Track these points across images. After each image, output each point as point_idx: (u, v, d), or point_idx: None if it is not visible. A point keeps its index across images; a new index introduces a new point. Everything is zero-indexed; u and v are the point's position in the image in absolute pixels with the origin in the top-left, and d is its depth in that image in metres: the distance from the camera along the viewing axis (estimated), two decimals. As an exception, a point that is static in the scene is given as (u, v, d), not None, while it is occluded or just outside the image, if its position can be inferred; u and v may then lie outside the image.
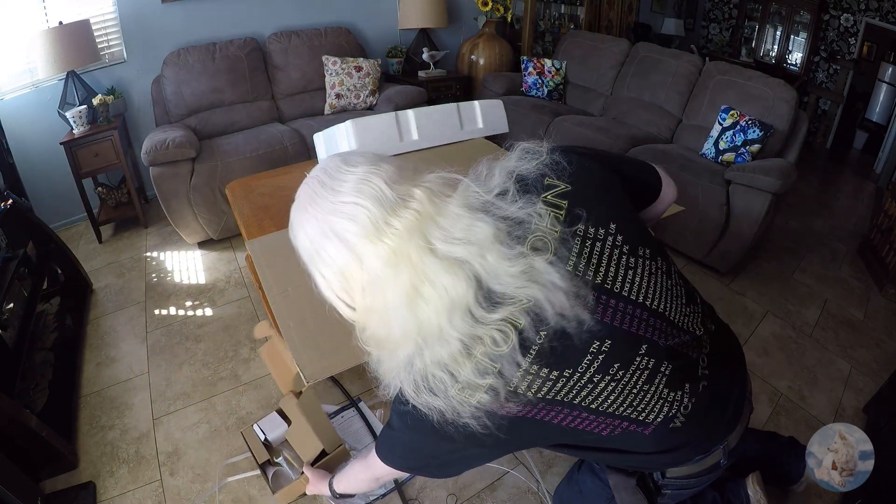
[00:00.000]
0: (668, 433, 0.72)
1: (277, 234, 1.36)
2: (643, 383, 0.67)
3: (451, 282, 0.57)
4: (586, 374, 0.64)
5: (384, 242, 0.57)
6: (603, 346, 0.63)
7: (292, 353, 0.94)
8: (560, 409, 0.65)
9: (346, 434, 1.56)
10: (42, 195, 2.74)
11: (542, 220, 0.62)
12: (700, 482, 0.87)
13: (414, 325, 0.58)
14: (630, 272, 0.67)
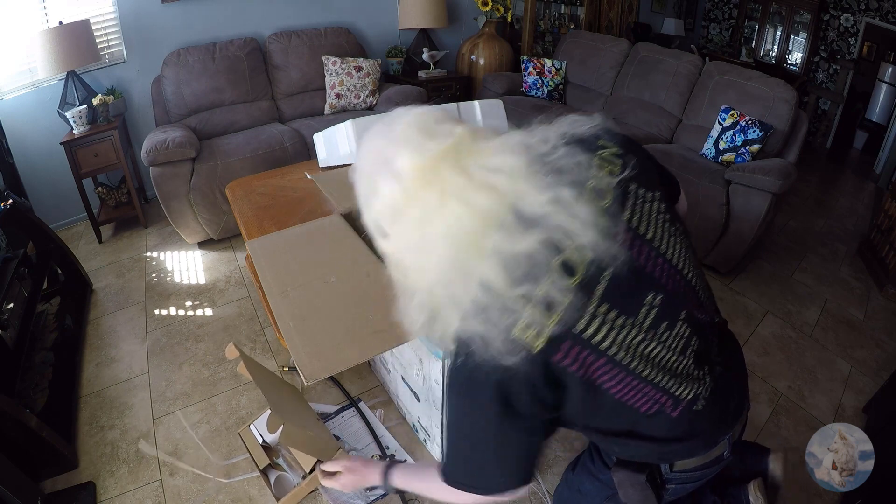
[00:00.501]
0: (691, 417, 0.72)
1: (277, 234, 1.36)
2: (679, 352, 0.68)
3: (485, 201, 0.55)
4: (642, 327, 0.63)
5: (422, 163, 0.57)
6: (656, 299, 0.64)
7: (292, 352, 0.94)
8: (611, 368, 0.63)
9: (345, 434, 1.56)
10: (42, 195, 2.74)
11: (592, 170, 0.61)
12: (703, 475, 0.87)
13: (452, 246, 0.56)
14: (672, 238, 0.69)
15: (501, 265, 0.55)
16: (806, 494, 1.40)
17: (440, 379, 1.22)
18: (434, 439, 1.43)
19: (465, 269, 0.56)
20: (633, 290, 0.63)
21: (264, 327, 2.04)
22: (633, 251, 0.63)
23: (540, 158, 0.59)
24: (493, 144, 0.60)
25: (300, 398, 1.61)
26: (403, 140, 0.60)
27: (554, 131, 0.64)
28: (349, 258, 1.21)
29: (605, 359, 0.62)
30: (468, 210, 0.55)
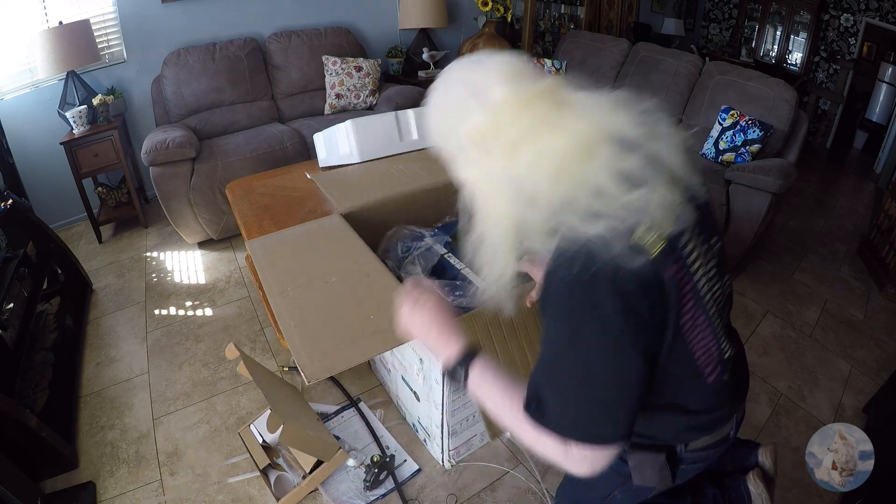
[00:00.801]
0: (719, 387, 0.74)
1: (277, 234, 1.36)
2: (722, 306, 0.71)
3: (585, 127, 0.59)
4: (710, 264, 0.65)
5: (519, 96, 0.61)
6: (715, 246, 0.68)
7: (293, 352, 0.94)
8: (691, 299, 0.62)
9: (345, 434, 1.56)
10: (42, 195, 2.74)
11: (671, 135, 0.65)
12: (710, 455, 0.88)
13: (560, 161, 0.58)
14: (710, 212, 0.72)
15: (613, 174, 0.56)
16: (806, 494, 1.40)
17: (440, 379, 1.22)
18: (434, 439, 1.43)
19: (577, 179, 0.57)
20: (704, 225, 0.65)
21: (264, 327, 2.04)
22: (699, 201, 0.65)
23: (624, 101, 0.63)
24: (581, 94, 0.63)
25: (300, 398, 1.61)
26: (498, 75, 0.63)
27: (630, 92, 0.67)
28: (349, 258, 1.21)
29: (692, 283, 0.62)
30: (568, 134, 0.58)
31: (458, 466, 1.47)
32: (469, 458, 1.49)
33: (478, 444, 1.51)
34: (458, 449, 1.44)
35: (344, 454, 1.40)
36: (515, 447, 1.52)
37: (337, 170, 1.75)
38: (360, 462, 1.45)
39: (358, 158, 1.71)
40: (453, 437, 1.38)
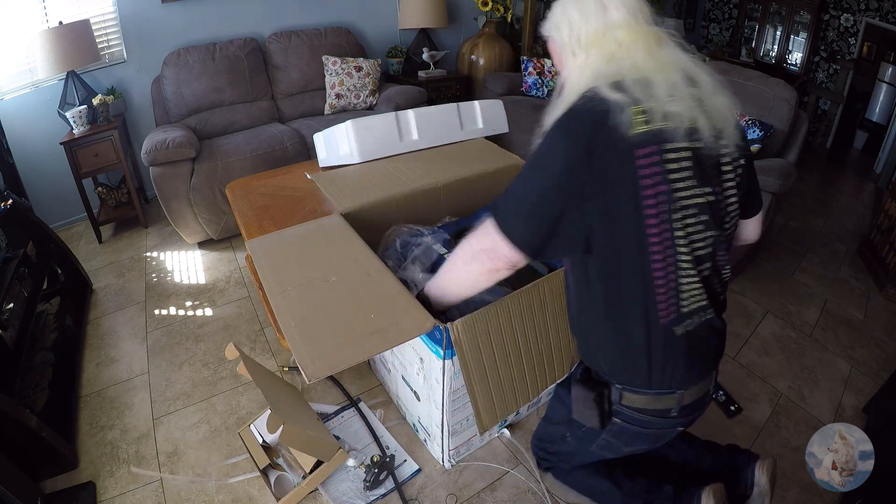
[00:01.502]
0: (669, 336, 0.82)
1: (277, 234, 1.36)
2: (701, 257, 0.81)
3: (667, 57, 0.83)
4: (695, 199, 0.77)
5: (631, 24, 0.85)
6: (709, 196, 0.79)
7: (293, 352, 0.94)
8: (661, 201, 0.75)
9: (345, 434, 1.56)
10: (42, 195, 2.74)
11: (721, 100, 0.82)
12: (647, 425, 0.94)
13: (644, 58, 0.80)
14: (732, 189, 0.85)
15: (667, 87, 0.76)
16: (806, 494, 1.40)
17: (441, 378, 1.22)
18: (434, 439, 1.43)
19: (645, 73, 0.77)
20: (706, 171, 0.78)
21: (264, 327, 2.04)
22: (717, 160, 0.80)
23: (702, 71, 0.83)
24: (680, 49, 0.85)
25: (300, 398, 1.61)
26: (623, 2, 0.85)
27: (709, 75, 0.85)
28: (350, 258, 1.21)
29: (666, 188, 0.74)
30: (655, 59, 0.80)
31: (458, 466, 1.47)
32: (469, 457, 1.49)
33: (478, 444, 1.51)
34: (458, 449, 1.44)
35: (344, 454, 1.40)
36: (515, 447, 1.52)
37: (337, 170, 1.75)
38: (360, 462, 1.45)
39: (358, 158, 1.71)
40: (453, 437, 1.38)
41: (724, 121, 0.80)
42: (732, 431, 1.59)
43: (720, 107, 0.80)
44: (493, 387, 1.18)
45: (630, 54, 0.80)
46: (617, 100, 0.73)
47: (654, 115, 0.74)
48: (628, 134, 0.72)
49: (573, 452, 1.17)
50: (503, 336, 1.15)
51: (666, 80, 0.77)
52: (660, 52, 0.81)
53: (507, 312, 1.14)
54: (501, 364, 1.17)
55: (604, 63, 0.80)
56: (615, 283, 0.83)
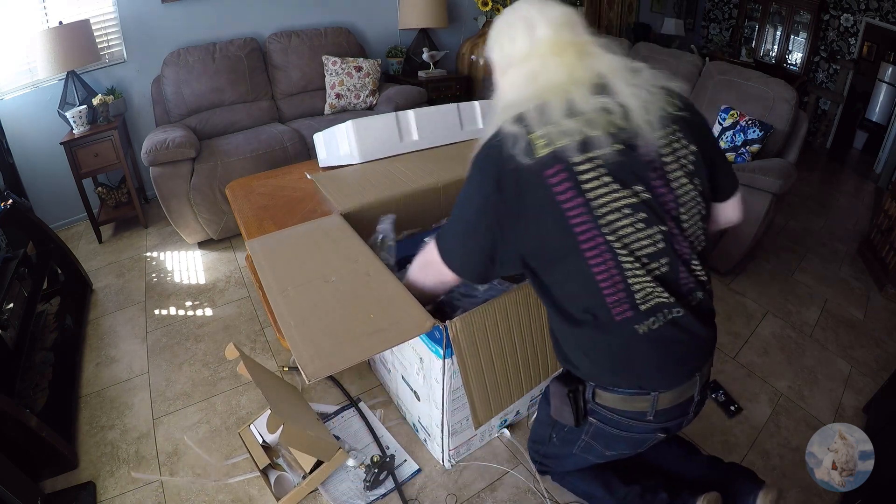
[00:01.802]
0: (629, 335, 0.83)
1: (277, 234, 1.36)
2: (648, 256, 0.82)
3: (584, 74, 0.83)
4: (622, 202, 0.79)
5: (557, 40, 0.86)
6: (643, 193, 0.80)
7: (293, 352, 0.94)
8: (584, 211, 0.78)
9: (345, 434, 1.56)
10: (42, 195, 2.74)
11: (659, 94, 0.84)
12: (624, 427, 0.94)
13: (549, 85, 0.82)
14: (684, 178, 0.85)
15: (565, 105, 0.80)
16: (806, 494, 1.40)
17: (441, 378, 1.22)
18: (434, 439, 1.43)
19: (536, 99, 0.82)
20: (630, 171, 0.80)
21: (264, 327, 2.04)
22: (647, 157, 0.81)
23: (632, 70, 0.84)
24: (607, 53, 0.86)
25: (300, 398, 1.61)
26: (550, 19, 0.87)
27: (650, 70, 0.86)
28: (350, 257, 1.21)
29: (583, 199, 0.78)
30: (569, 73, 0.83)
31: (458, 466, 1.47)
32: (469, 457, 1.49)
33: (478, 444, 1.51)
34: (458, 448, 1.44)
35: (344, 454, 1.40)
36: (515, 447, 1.52)
37: (337, 170, 1.74)
38: (360, 462, 1.45)
39: (358, 159, 1.71)
40: (453, 437, 1.38)
41: (640, 119, 0.80)
42: (732, 431, 1.59)
43: (636, 106, 0.80)
44: (489, 382, 1.19)
45: (548, 72, 0.84)
46: (515, 132, 0.80)
47: (554, 136, 0.78)
48: (533, 159, 0.78)
49: (560, 455, 1.17)
50: (499, 332, 1.16)
51: (572, 98, 0.80)
52: (578, 65, 0.84)
53: (503, 309, 1.14)
54: (497, 360, 1.18)
55: (525, 83, 0.86)
56: (563, 289, 0.87)
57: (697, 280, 0.88)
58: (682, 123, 0.85)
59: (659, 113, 0.82)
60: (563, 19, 0.88)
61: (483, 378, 1.17)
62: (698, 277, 0.88)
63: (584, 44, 0.87)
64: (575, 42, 0.86)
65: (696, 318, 0.87)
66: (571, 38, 0.86)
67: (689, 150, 0.86)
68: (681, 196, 0.85)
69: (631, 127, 0.80)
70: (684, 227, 0.85)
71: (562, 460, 1.20)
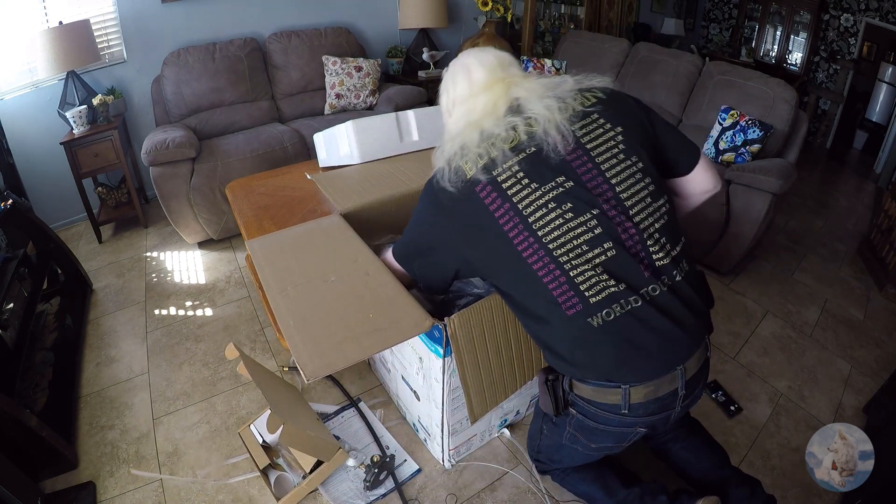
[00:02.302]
0: (584, 329, 0.85)
1: (277, 234, 1.36)
2: (585, 243, 0.86)
3: (503, 105, 0.95)
4: (545, 197, 0.87)
5: (487, 80, 1.00)
6: (566, 182, 0.87)
7: (293, 351, 0.94)
8: (513, 216, 0.87)
9: (345, 434, 1.56)
10: (42, 195, 2.74)
11: (572, 96, 0.94)
12: (602, 420, 0.96)
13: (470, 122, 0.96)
14: (614, 159, 0.90)
15: (480, 135, 0.93)
16: (806, 494, 1.40)
17: (440, 377, 1.22)
18: (434, 439, 1.43)
19: (465, 132, 0.95)
20: (545, 168, 0.88)
21: (264, 327, 2.04)
22: (567, 149, 0.89)
23: (553, 87, 0.94)
24: (531, 80, 0.97)
25: (300, 398, 1.61)
26: (484, 63, 1.01)
27: (574, 78, 0.97)
28: (349, 257, 1.21)
29: (510, 205, 0.87)
30: (492, 105, 0.95)
31: (458, 466, 1.47)
32: (469, 457, 1.49)
33: (478, 444, 1.51)
34: (458, 448, 1.44)
35: (344, 454, 1.40)
36: (515, 447, 1.52)
37: (337, 170, 1.74)
38: (360, 462, 1.45)
39: (358, 159, 1.71)
40: (453, 437, 1.38)
41: (553, 121, 0.89)
42: (732, 431, 1.59)
43: (548, 112, 0.90)
44: (485, 377, 1.20)
45: (475, 110, 0.97)
46: (444, 167, 0.93)
47: (474, 160, 0.91)
48: (464, 182, 0.90)
49: (552, 448, 1.20)
50: (496, 329, 1.17)
51: (484, 128, 0.93)
52: (502, 96, 0.96)
53: (500, 306, 1.15)
54: (493, 355, 1.19)
55: (463, 118, 0.99)
56: (517, 291, 0.92)
57: (654, 267, 0.86)
58: (600, 111, 0.93)
59: (569, 112, 0.91)
60: (496, 62, 1.01)
61: (479, 373, 1.18)
62: (656, 264, 0.86)
63: (511, 77, 0.99)
64: (503, 78, 0.98)
65: (662, 307, 0.85)
66: (501, 76, 0.99)
67: (616, 131, 0.92)
68: (615, 175, 0.89)
69: (539, 133, 0.89)
70: (627, 206, 0.88)
71: (555, 453, 1.21)
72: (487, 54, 1.03)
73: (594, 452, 1.12)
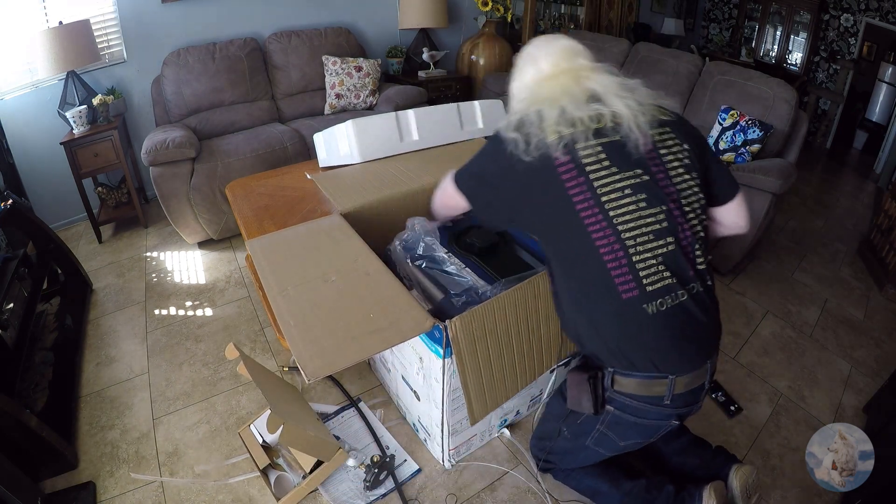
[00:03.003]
0: (639, 315, 0.89)
1: (277, 234, 1.36)
2: (652, 233, 0.90)
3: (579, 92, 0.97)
4: (623, 182, 0.90)
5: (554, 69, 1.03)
6: (643, 175, 0.92)
7: (293, 351, 0.94)
8: (586, 189, 0.90)
9: (345, 434, 1.56)
10: (42, 195, 2.74)
11: (649, 106, 0.98)
12: (641, 413, 0.98)
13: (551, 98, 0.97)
14: (681, 169, 0.96)
15: (561, 111, 0.94)
16: (806, 494, 1.40)
17: (440, 377, 1.22)
18: (434, 439, 1.43)
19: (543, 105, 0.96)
20: (627, 158, 0.92)
21: (264, 327, 2.04)
22: (644, 147, 0.92)
23: (628, 89, 0.97)
24: (602, 74, 1.00)
25: (300, 398, 1.61)
26: (549, 53, 1.05)
27: (647, 89, 1.00)
28: (350, 257, 1.21)
29: (584, 178, 0.90)
30: (563, 90, 0.97)
31: (458, 466, 1.47)
32: (469, 457, 1.49)
33: (478, 444, 1.51)
34: (458, 448, 1.44)
35: (344, 454, 1.40)
36: (515, 447, 1.52)
37: (337, 170, 1.74)
38: (360, 462, 1.45)
39: (358, 158, 1.71)
40: (453, 437, 1.38)
41: (630, 121, 0.92)
42: (732, 431, 1.59)
43: (625, 112, 0.93)
44: (486, 380, 1.19)
45: (543, 90, 1.00)
46: (523, 122, 0.95)
47: (558, 130, 0.92)
48: (541, 149, 0.91)
49: (570, 450, 1.19)
50: (497, 331, 1.16)
51: (564, 107, 0.94)
52: (573, 85, 0.98)
53: (502, 308, 1.14)
54: (494, 358, 1.18)
55: (536, 97, 1.00)
56: (574, 269, 0.94)
57: (696, 269, 0.93)
58: (673, 126, 0.99)
59: (648, 117, 0.94)
60: (562, 52, 1.04)
61: (480, 376, 1.18)
62: (697, 266, 0.93)
63: (580, 69, 1.01)
64: (571, 68, 1.01)
65: (697, 304, 0.92)
66: (568, 66, 1.01)
67: (683, 147, 0.97)
68: (679, 184, 0.94)
69: (624, 126, 0.92)
70: (685, 211, 0.93)
71: (570, 455, 1.21)
72: (554, 44, 1.06)
73: (618, 450, 1.12)
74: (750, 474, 1.14)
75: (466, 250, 1.41)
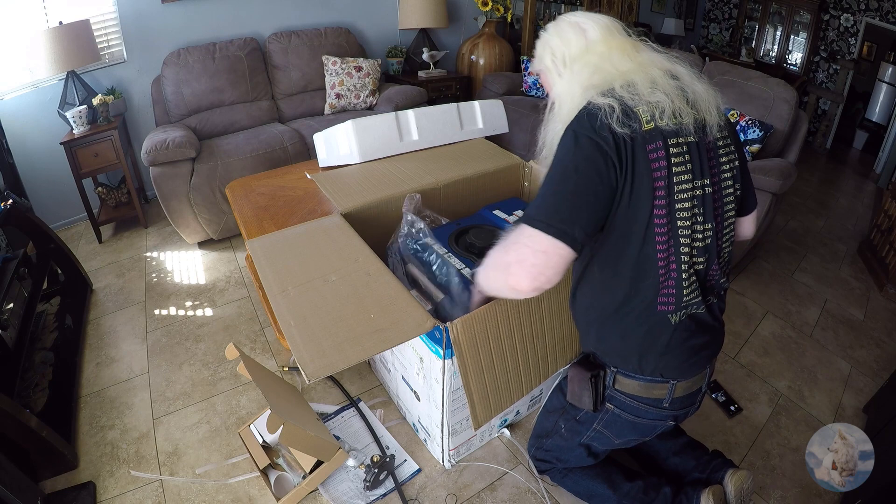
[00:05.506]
0: (663, 322, 0.87)
1: (277, 234, 1.36)
2: (697, 250, 0.86)
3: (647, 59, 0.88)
4: (694, 191, 0.83)
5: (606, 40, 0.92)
6: (707, 188, 0.85)
7: (293, 351, 0.94)
8: (666, 185, 0.80)
9: (345, 434, 1.56)
10: (42, 195, 2.74)
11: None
12: (640, 413, 0.98)
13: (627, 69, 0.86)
14: (730, 180, 0.90)
15: (649, 82, 0.83)
16: (806, 494, 1.40)
17: (440, 378, 1.22)
18: (434, 439, 1.43)
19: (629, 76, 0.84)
20: (701, 163, 0.84)
21: (264, 327, 2.04)
22: (712, 154, 0.86)
23: (688, 78, 0.87)
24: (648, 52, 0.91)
25: (300, 398, 1.61)
26: (598, 23, 0.94)
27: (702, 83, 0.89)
28: (350, 257, 1.21)
29: (667, 181, 0.80)
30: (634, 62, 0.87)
31: (458, 466, 1.47)
32: (469, 457, 1.49)
33: (478, 444, 1.51)
34: (458, 448, 1.44)
35: (344, 454, 1.40)
36: (515, 447, 1.52)
37: (337, 170, 1.74)
38: (360, 462, 1.45)
39: (358, 158, 1.71)
40: (453, 437, 1.38)
41: (706, 108, 0.85)
42: (732, 431, 1.59)
43: (701, 93, 0.85)
44: (489, 383, 1.19)
45: (611, 62, 0.87)
46: (610, 103, 0.80)
47: (655, 113, 0.81)
48: (637, 132, 0.79)
49: (564, 447, 1.19)
50: (500, 334, 1.15)
51: (647, 76, 0.84)
52: (638, 56, 0.88)
53: (505, 311, 1.14)
54: (497, 361, 1.18)
55: (589, 74, 0.88)
56: (618, 269, 0.87)
57: (719, 283, 0.92)
58: (729, 130, 0.91)
59: (714, 104, 0.86)
60: (610, 24, 0.94)
61: (483, 379, 1.17)
62: (722, 276, 0.93)
63: (636, 43, 0.92)
64: (628, 41, 0.91)
65: (711, 315, 0.92)
66: (622, 39, 0.91)
67: (735, 155, 0.91)
68: (726, 197, 0.89)
69: (700, 115, 0.84)
70: (725, 225, 0.90)
71: (564, 453, 1.21)
72: (597, 15, 0.96)
73: (611, 447, 1.13)
74: (745, 479, 1.14)
75: (466, 250, 1.41)
